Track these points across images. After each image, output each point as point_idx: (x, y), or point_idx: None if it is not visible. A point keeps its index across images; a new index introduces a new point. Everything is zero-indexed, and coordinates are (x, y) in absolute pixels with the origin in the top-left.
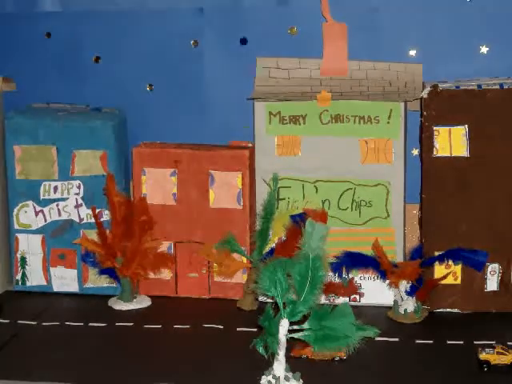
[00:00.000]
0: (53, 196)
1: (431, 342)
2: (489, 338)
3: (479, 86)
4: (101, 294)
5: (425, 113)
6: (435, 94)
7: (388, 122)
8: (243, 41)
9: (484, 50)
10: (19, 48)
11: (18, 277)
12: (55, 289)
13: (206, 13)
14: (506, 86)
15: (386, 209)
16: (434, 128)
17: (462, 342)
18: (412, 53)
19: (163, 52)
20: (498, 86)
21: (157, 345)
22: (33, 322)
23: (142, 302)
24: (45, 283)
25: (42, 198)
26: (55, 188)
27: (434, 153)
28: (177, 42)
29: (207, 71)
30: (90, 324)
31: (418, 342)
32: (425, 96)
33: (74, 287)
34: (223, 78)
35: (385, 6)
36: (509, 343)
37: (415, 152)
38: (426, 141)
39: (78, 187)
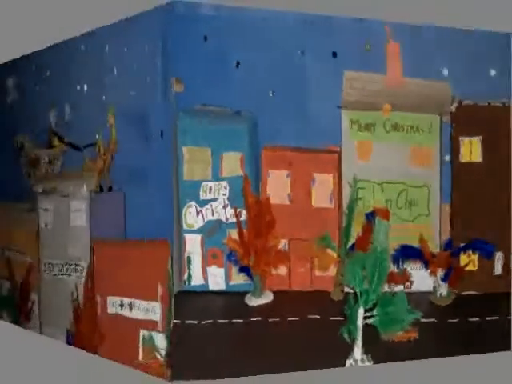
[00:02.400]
0: (209, 197)
1: (457, 320)
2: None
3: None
4: (242, 290)
5: (454, 124)
6: (461, 109)
7: (429, 132)
8: (334, 54)
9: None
10: (184, 49)
11: (185, 277)
12: (210, 287)
13: (308, 28)
14: None
15: (427, 207)
16: (460, 138)
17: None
18: (445, 72)
19: (279, 61)
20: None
21: (279, 335)
22: (195, 321)
23: (268, 297)
24: (203, 282)
25: (201, 198)
26: (210, 189)
27: (460, 159)
28: (290, 54)
29: (308, 81)
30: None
31: (449, 320)
32: (453, 110)
33: (222, 285)
34: (321, 87)
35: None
36: None
37: (447, 158)
38: (455, 148)
39: (225, 188)
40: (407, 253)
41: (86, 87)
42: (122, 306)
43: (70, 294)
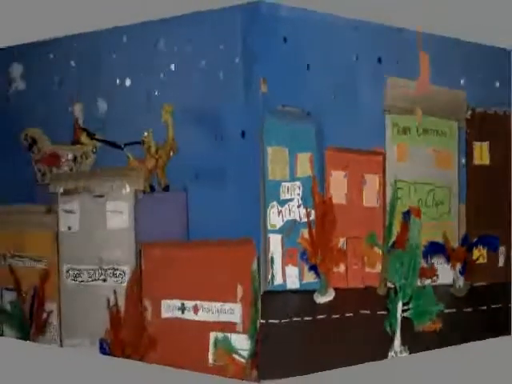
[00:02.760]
0: (287, 197)
1: (471, 309)
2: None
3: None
4: (311, 289)
5: (468, 130)
6: (474, 116)
7: (449, 137)
8: (379, 60)
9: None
10: (267, 50)
11: (269, 277)
12: (287, 286)
13: (360, 34)
14: None
15: (449, 206)
16: (473, 142)
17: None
18: (462, 82)
19: (338, 65)
20: None
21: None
22: (276, 321)
23: (331, 294)
24: (282, 282)
25: (281, 198)
26: (287, 189)
27: (474, 162)
28: (346, 58)
29: (360, 84)
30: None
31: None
32: (468, 117)
33: (297, 284)
34: (369, 91)
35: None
36: None
37: (463, 161)
38: (469, 152)
39: (299, 188)
40: (434, 249)
41: (128, 82)
42: (182, 309)
43: (104, 301)
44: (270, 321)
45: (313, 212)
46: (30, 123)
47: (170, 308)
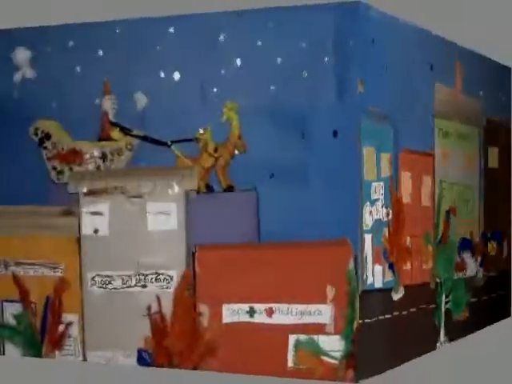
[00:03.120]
0: (375, 197)
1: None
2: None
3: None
4: (390, 287)
5: (485, 136)
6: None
7: (472, 142)
8: (431, 67)
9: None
10: (360, 51)
11: (364, 276)
12: (376, 285)
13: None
14: None
15: (473, 205)
16: (488, 147)
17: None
18: (481, 93)
19: (404, 70)
20: None
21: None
22: (368, 320)
23: (402, 291)
24: (372, 281)
25: (372, 198)
26: (375, 189)
27: (489, 165)
28: (408, 63)
29: (418, 89)
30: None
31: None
32: (485, 124)
33: (381, 283)
34: (424, 96)
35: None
36: None
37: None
38: (485, 156)
39: (382, 188)
40: (465, 244)
41: (177, 76)
42: (251, 312)
43: (142, 308)
44: (366, 320)
45: (390, 212)
46: (42, 115)
47: (234, 312)
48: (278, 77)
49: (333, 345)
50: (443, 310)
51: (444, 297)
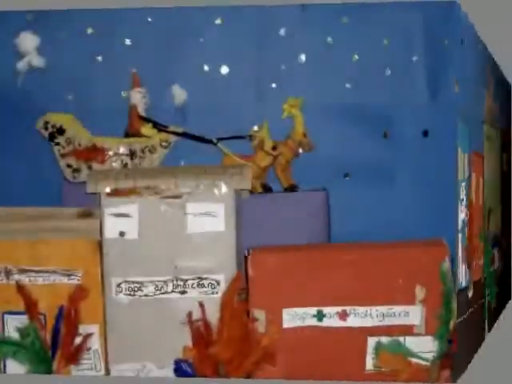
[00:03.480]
0: (462, 196)
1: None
2: None
3: None
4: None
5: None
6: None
7: (497, 146)
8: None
9: None
10: (453, 50)
11: (458, 276)
12: (463, 285)
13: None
14: None
15: (496, 204)
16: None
17: None
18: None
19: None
20: None
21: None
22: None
23: (472, 289)
24: (461, 280)
25: (461, 198)
26: (462, 189)
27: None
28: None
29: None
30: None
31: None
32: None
33: (464, 282)
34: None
35: None
36: None
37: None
38: (506, 159)
39: (464, 188)
40: (495, 240)
41: (225, 69)
42: (320, 316)
43: (180, 315)
44: (458, 320)
45: (467, 211)
46: (53, 108)
47: (297, 317)
48: (354, 74)
49: (423, 346)
50: (487, 301)
51: (487, 289)
